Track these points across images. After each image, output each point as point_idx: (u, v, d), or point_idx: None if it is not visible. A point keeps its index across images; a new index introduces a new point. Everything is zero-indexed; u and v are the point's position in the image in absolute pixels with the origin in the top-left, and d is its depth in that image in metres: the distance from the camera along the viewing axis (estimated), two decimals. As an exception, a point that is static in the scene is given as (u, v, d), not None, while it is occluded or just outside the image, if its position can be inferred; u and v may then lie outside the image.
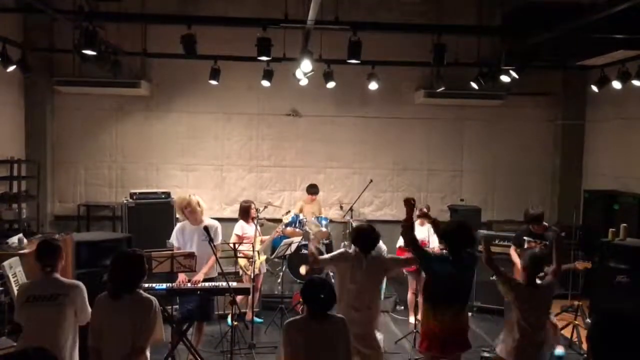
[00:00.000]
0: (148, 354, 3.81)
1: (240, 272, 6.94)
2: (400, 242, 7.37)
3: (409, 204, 4.82)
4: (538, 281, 4.66)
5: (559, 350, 6.34)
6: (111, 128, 9.85)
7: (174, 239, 6.00)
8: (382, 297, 4.63)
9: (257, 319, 7.10)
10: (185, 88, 9.74)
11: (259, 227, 7.13)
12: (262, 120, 10.01)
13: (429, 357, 4.77)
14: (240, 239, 6.93)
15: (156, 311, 3.71)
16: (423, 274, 6.77)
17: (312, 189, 9.18)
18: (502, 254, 6.93)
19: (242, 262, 6.89)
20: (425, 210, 7.07)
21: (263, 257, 7.33)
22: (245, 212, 7.26)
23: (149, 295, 3.77)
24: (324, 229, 8.54)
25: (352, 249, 4.94)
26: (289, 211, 8.66)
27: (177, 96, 9.83)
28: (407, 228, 4.78)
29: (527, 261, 4.58)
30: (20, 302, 4.01)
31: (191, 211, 5.85)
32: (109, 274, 3.73)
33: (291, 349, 3.58)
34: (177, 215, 6.41)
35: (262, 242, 7.18)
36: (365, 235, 4.84)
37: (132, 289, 3.71)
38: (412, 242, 4.77)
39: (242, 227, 7.17)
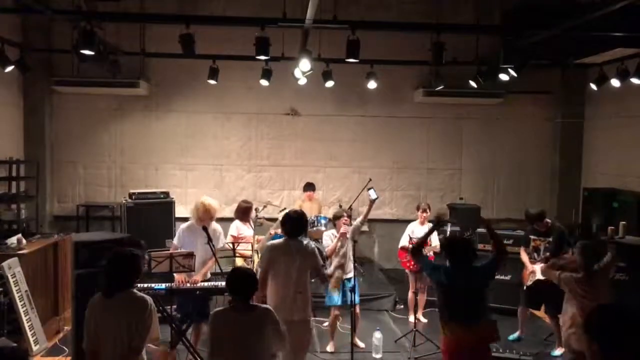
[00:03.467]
0: (145, 354, 3.79)
1: None
2: (402, 242, 7.38)
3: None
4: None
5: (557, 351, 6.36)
6: (110, 128, 9.84)
7: (177, 238, 5.96)
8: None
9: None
10: (184, 88, 9.73)
11: (253, 226, 7.06)
12: (261, 119, 10.01)
13: None
14: (236, 240, 6.73)
15: (151, 310, 3.69)
16: (424, 273, 6.81)
17: (308, 187, 9.17)
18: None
19: (240, 262, 6.82)
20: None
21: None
22: (244, 213, 7.08)
23: (143, 295, 3.75)
24: (322, 228, 8.53)
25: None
26: (284, 208, 8.61)
27: (175, 96, 9.82)
28: (418, 249, 4.94)
29: (580, 251, 4.73)
30: None
31: (213, 215, 5.87)
32: (104, 272, 3.71)
33: (216, 341, 3.63)
34: (189, 215, 6.33)
35: (258, 241, 7.01)
36: (292, 220, 4.97)
37: (126, 288, 3.70)
38: (420, 262, 5.06)
39: (238, 228, 7.00)
